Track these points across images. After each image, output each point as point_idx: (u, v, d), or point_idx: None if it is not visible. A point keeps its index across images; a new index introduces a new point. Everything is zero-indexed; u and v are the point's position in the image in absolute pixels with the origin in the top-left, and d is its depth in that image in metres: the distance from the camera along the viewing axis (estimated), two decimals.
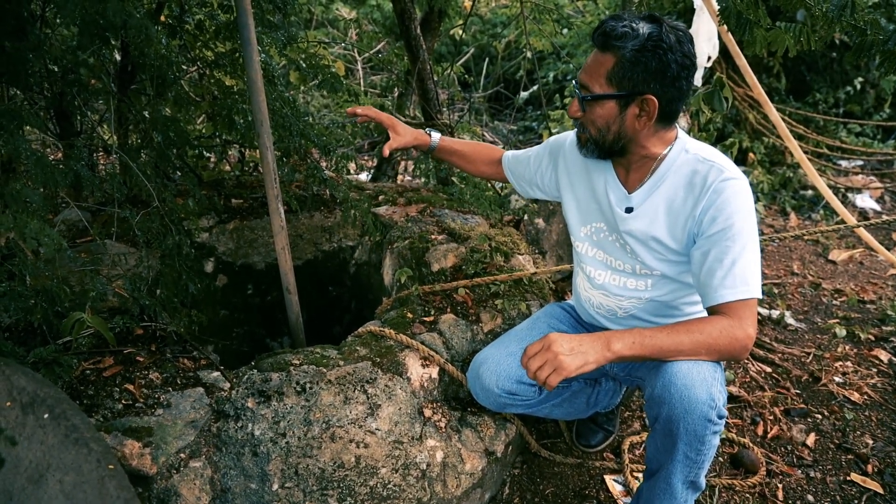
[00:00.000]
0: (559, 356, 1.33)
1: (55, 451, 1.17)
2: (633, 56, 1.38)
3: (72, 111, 2.35)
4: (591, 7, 6.36)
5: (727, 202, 1.42)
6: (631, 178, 1.59)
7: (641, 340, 1.37)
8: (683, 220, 1.50)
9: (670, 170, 1.52)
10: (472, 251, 2.30)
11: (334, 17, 6.36)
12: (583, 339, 1.37)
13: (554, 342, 1.35)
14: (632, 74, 1.40)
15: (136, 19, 1.84)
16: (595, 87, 1.45)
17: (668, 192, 1.53)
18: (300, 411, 1.61)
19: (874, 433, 2.21)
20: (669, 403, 1.39)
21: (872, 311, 3.13)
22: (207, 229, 2.51)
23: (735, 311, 1.39)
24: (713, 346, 1.38)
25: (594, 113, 1.48)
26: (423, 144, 1.99)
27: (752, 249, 1.41)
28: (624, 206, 1.60)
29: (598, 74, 1.44)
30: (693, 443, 1.40)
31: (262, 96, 1.76)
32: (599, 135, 1.51)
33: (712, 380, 1.39)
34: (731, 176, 1.45)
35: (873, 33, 1.69)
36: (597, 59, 1.44)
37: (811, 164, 3.14)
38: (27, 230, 1.50)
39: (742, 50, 2.71)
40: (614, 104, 1.45)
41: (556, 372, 1.33)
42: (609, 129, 1.49)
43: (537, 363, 1.35)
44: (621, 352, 1.36)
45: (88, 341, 1.77)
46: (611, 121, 1.47)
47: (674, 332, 1.38)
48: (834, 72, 5.48)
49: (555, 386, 1.34)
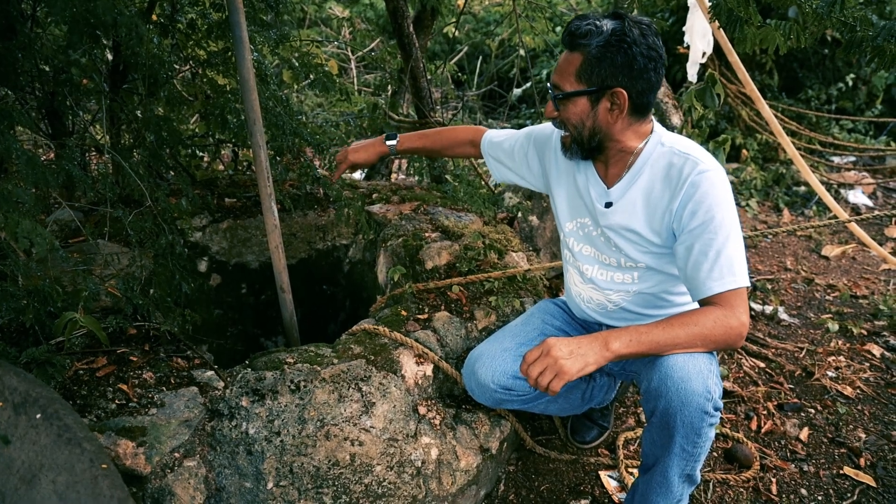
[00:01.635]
0: (559, 360, 1.34)
1: (48, 451, 1.16)
2: (598, 52, 1.43)
3: (63, 111, 2.34)
4: (584, 5, 6.38)
5: (706, 194, 1.45)
6: (610, 174, 1.63)
7: (638, 337, 1.38)
8: (661, 213, 1.53)
9: (647, 163, 1.55)
10: (465, 249, 2.30)
11: (327, 16, 6.35)
12: (580, 341, 1.38)
13: (553, 347, 1.36)
14: (599, 70, 1.45)
15: (127, 18, 1.84)
16: (566, 86, 1.50)
17: (645, 185, 1.56)
18: (294, 410, 1.61)
19: (867, 427, 2.22)
20: (666, 396, 1.40)
21: (865, 306, 3.14)
22: (201, 229, 2.50)
23: (726, 301, 1.41)
24: (708, 336, 1.40)
25: (568, 111, 1.53)
26: (383, 154, 2.06)
27: (735, 239, 1.44)
28: (604, 201, 1.63)
29: (567, 73, 1.49)
30: (690, 435, 1.42)
31: (254, 95, 1.75)
32: (576, 132, 1.55)
33: (708, 372, 1.41)
34: (707, 168, 1.47)
35: (863, 29, 1.70)
36: (566, 59, 1.49)
37: (804, 161, 3.16)
38: (19, 230, 1.49)
39: (733, 47, 2.72)
40: (586, 100, 1.50)
41: (558, 377, 1.34)
42: (584, 126, 1.53)
43: (538, 369, 1.36)
44: (619, 350, 1.37)
45: (81, 341, 1.76)
46: (584, 117, 1.52)
47: (669, 326, 1.40)
48: (826, 68, 5.51)
49: (557, 391, 1.35)
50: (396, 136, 2.07)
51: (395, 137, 2.06)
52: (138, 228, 2.03)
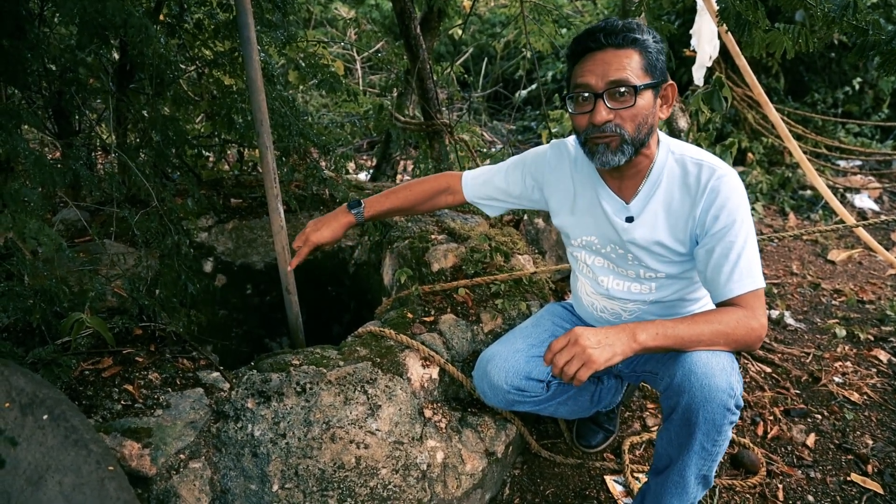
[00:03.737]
0: (587, 350, 1.34)
1: (54, 453, 1.16)
2: (655, 46, 1.45)
3: (70, 110, 2.34)
4: (590, 7, 6.37)
5: (727, 199, 1.46)
6: (625, 187, 1.60)
7: (664, 331, 1.39)
8: (684, 221, 1.53)
9: (662, 173, 1.56)
10: (472, 251, 2.30)
11: (333, 17, 6.36)
12: (608, 331, 1.38)
13: (581, 336, 1.35)
14: (659, 63, 1.46)
15: (136, 18, 1.84)
16: (634, 80, 1.41)
17: (664, 195, 1.56)
18: (300, 412, 1.60)
19: (874, 433, 2.21)
20: (690, 392, 1.40)
21: (871, 311, 3.13)
22: (206, 229, 2.50)
23: (746, 303, 1.43)
24: (731, 335, 1.41)
25: (637, 106, 1.44)
26: (349, 224, 1.88)
27: (752, 241, 1.47)
28: (623, 215, 1.60)
29: (630, 68, 1.41)
30: (710, 432, 1.42)
31: (261, 95, 1.75)
32: (637, 130, 1.46)
33: (731, 369, 1.42)
34: (724, 173, 1.49)
35: (875, 33, 1.69)
36: (619, 56, 1.41)
37: (810, 164, 3.14)
38: (26, 230, 1.49)
39: (741, 50, 2.71)
40: (651, 94, 1.46)
41: (586, 366, 1.34)
42: (646, 122, 1.47)
43: (565, 357, 1.35)
44: (646, 342, 1.38)
45: (87, 341, 1.76)
46: (649, 112, 1.46)
47: (694, 322, 1.41)
48: (833, 72, 5.49)
49: (584, 380, 1.35)
50: (360, 201, 1.88)
51: (360, 204, 1.87)
52: (144, 228, 2.02)
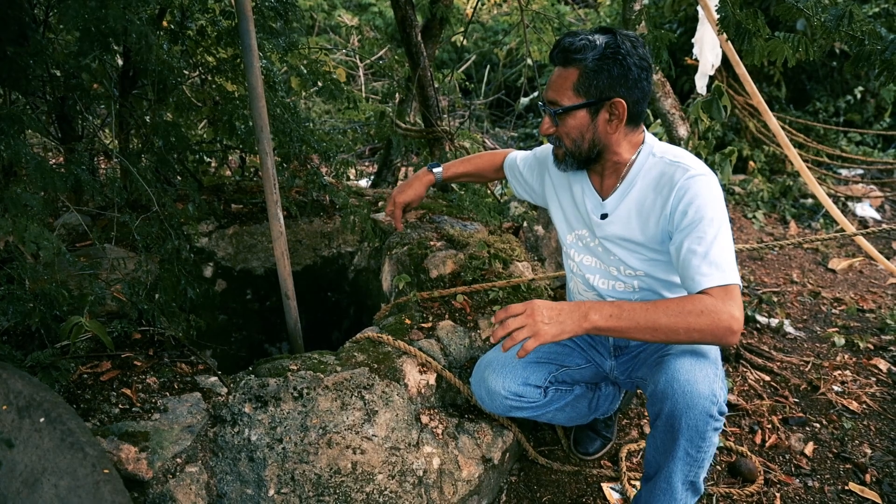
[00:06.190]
0: (538, 323, 1.39)
1: (50, 455, 1.17)
2: (595, 65, 1.47)
3: (73, 116, 2.36)
4: (593, 16, 6.39)
5: (696, 195, 1.47)
6: (605, 185, 1.67)
7: (619, 313, 1.40)
8: (655, 219, 1.56)
9: (639, 174, 1.59)
10: (470, 258, 2.30)
11: (336, 24, 6.39)
12: (562, 307, 1.42)
13: (536, 309, 1.40)
14: (597, 82, 1.48)
15: (136, 26, 1.85)
16: (564, 101, 1.53)
17: (638, 195, 1.59)
18: (297, 417, 1.61)
19: (873, 442, 2.20)
20: (672, 398, 1.41)
21: (872, 320, 3.12)
22: (207, 234, 2.51)
23: (716, 295, 1.40)
24: (692, 325, 1.36)
25: (567, 125, 1.55)
26: (430, 183, 2.09)
27: (724, 239, 1.45)
28: (599, 212, 1.67)
29: (564, 88, 1.52)
30: (694, 439, 1.43)
31: (262, 102, 1.76)
32: (575, 146, 1.58)
33: (714, 376, 1.43)
34: (698, 173, 1.50)
35: (871, 43, 1.70)
36: (560, 75, 1.53)
37: (811, 173, 3.15)
38: (27, 234, 1.50)
39: (741, 59, 2.72)
40: (585, 113, 1.53)
41: (535, 337, 1.38)
42: (584, 138, 1.56)
43: (517, 323, 1.40)
44: (597, 322, 1.40)
45: (86, 345, 1.77)
46: (584, 129, 1.55)
47: (654, 308, 1.40)
48: (834, 81, 5.50)
49: (530, 351, 1.38)
50: (438, 164, 2.10)
51: (438, 165, 2.10)
52: (145, 233, 2.04)
